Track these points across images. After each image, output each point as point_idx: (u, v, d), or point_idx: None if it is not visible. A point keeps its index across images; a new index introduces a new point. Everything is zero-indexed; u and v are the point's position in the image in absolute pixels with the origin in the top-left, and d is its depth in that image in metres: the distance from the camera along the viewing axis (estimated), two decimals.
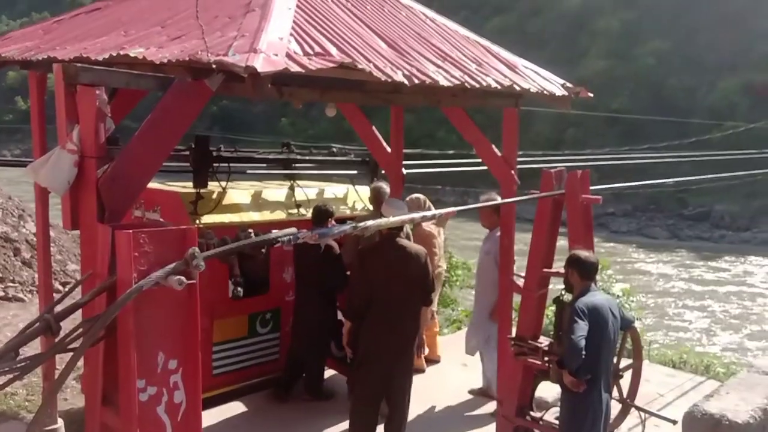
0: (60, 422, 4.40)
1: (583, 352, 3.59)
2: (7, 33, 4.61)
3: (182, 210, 4.88)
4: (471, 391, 5.81)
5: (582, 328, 3.64)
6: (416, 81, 3.33)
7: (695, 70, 38.53)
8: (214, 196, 5.06)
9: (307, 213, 5.45)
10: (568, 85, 4.54)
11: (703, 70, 38.29)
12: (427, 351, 6.13)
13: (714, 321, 17.47)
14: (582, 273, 3.88)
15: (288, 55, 2.87)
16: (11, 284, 8.15)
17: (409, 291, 4.28)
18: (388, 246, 4.30)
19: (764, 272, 23.31)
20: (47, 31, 4.08)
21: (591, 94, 4.69)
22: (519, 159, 4.87)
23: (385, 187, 5.63)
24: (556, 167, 4.39)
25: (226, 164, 5.11)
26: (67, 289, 2.65)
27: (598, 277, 5.00)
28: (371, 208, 5.65)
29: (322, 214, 5.08)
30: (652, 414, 4.47)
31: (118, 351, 2.32)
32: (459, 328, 8.42)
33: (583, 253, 3.94)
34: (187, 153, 4.86)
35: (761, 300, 19.53)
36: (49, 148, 2.72)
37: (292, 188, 5.66)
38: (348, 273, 5.03)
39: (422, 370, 5.93)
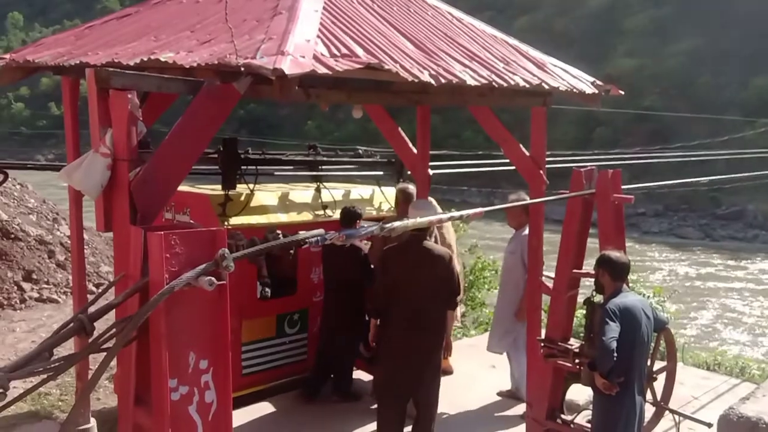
0: (93, 422, 4.48)
1: (615, 354, 3.53)
2: (40, 39, 4.72)
3: (211, 212, 4.94)
4: (500, 393, 5.76)
5: (614, 329, 3.57)
6: (443, 81, 3.31)
7: (727, 67, 37.67)
8: (243, 198, 5.11)
9: (334, 214, 5.47)
10: (598, 82, 4.47)
11: (735, 67, 37.42)
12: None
13: (749, 322, 17.04)
14: (613, 274, 3.81)
15: (315, 57, 2.88)
16: (46, 286, 8.35)
17: (434, 293, 4.26)
18: (413, 247, 4.28)
19: None
20: (79, 37, 4.15)
21: (622, 92, 4.60)
22: (547, 159, 4.81)
23: (411, 188, 5.62)
24: (585, 167, 4.32)
25: (254, 167, 5.15)
26: (100, 291, 2.70)
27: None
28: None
29: (351, 216, 5.09)
30: (686, 417, 4.37)
31: (150, 351, 2.35)
32: (486, 330, 8.35)
33: (615, 254, 3.87)
34: (216, 156, 4.92)
35: None
36: (83, 152, 2.77)
37: (318, 190, 5.68)
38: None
39: (450, 372, 5.90)
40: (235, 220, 4.94)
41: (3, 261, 8.24)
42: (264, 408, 5.29)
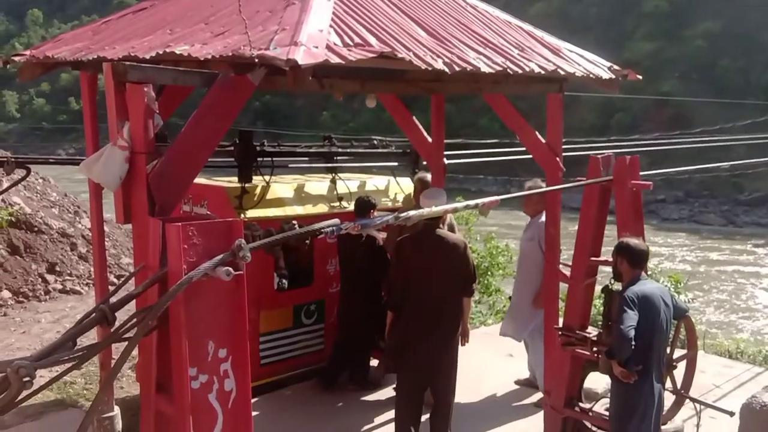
0: (116, 410, 4.56)
1: (633, 343, 3.51)
2: (59, 35, 4.77)
3: (228, 204, 4.99)
4: (517, 382, 5.75)
5: (632, 317, 3.55)
6: (457, 68, 3.29)
7: (748, 49, 36.90)
8: (259, 190, 5.14)
9: (349, 205, 5.48)
10: (615, 67, 4.41)
11: (757, 49, 36.64)
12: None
13: None
14: (632, 261, 3.78)
15: (328, 47, 2.87)
16: (69, 278, 8.51)
17: (449, 281, 4.25)
18: (426, 237, 4.28)
19: None
20: (96, 32, 4.19)
21: (639, 77, 4.53)
22: (564, 146, 4.76)
23: (430, 177, 5.59)
24: (603, 153, 4.27)
25: (270, 159, 5.18)
26: (121, 282, 2.74)
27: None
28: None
29: (365, 206, 5.10)
30: (707, 405, 4.33)
31: (170, 340, 2.38)
32: (503, 318, 8.33)
33: (633, 241, 3.83)
34: (232, 148, 4.95)
35: None
36: (102, 145, 2.80)
37: (333, 181, 5.70)
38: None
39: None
40: (251, 213, 4.98)
41: (27, 254, 8.42)
42: (282, 397, 5.35)
